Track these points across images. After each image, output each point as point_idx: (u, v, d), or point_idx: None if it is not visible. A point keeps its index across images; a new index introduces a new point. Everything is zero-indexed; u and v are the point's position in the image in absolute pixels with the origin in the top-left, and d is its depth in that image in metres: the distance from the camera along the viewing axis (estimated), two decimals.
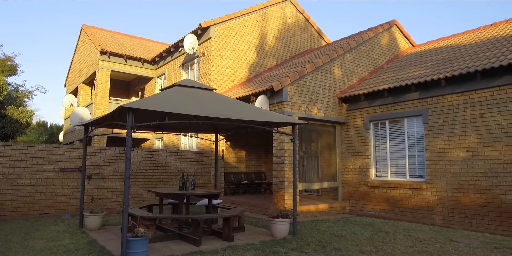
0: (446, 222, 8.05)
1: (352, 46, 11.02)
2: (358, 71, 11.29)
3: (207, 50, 13.33)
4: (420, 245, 6.05)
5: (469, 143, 7.86)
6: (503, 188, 7.24)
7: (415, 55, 11.76)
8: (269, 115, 6.80)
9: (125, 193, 5.12)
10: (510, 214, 7.10)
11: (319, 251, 5.64)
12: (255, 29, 14.63)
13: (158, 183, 11.02)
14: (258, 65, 14.51)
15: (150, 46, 19.53)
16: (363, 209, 9.92)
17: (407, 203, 8.91)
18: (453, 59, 9.28)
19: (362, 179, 10.07)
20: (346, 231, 7.30)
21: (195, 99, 6.22)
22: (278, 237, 6.61)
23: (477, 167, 7.67)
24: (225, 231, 6.36)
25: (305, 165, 9.99)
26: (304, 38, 16.47)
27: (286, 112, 9.29)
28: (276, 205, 9.33)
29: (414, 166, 9.06)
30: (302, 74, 9.69)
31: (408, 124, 9.28)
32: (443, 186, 8.22)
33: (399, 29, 12.81)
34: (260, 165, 13.92)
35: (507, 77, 7.34)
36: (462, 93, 8.08)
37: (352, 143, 10.48)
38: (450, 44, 11.30)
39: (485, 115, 7.65)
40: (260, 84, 11.10)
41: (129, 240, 5.08)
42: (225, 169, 12.51)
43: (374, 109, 9.99)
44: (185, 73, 14.93)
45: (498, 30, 10.55)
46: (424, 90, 8.78)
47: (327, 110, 10.29)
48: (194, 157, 11.93)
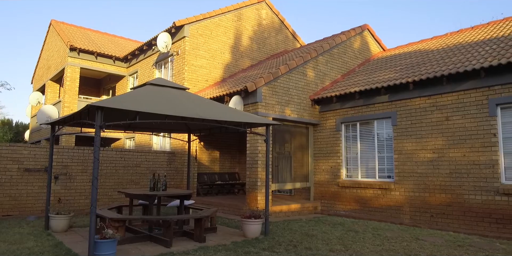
0: (413, 221, 8.32)
1: (325, 49, 11.21)
2: (331, 73, 11.49)
3: (181, 49, 13.19)
4: (387, 244, 6.22)
5: (435, 145, 8.16)
6: (467, 188, 7.56)
7: (385, 59, 12.09)
8: (243, 115, 6.81)
9: (93, 194, 4.98)
10: (473, 213, 7.43)
11: (290, 250, 5.69)
12: (230, 29, 14.61)
13: (128, 184, 10.78)
14: (233, 66, 14.49)
15: (122, 44, 19.11)
16: (334, 209, 10.10)
17: (376, 203, 9.14)
18: (421, 64, 9.61)
19: (333, 180, 10.24)
20: (317, 230, 7.41)
21: (167, 99, 6.14)
22: (250, 237, 6.62)
23: (443, 168, 7.98)
24: (196, 232, 6.31)
25: (279, 165, 10.06)
26: (279, 39, 16.60)
27: (260, 113, 9.33)
28: (249, 206, 9.34)
29: (383, 167, 9.32)
30: (276, 76, 9.76)
31: (378, 126, 9.53)
32: (410, 186, 8.49)
33: (370, 33, 13.14)
34: (234, 165, 13.89)
35: (471, 82, 7.67)
36: (429, 97, 8.39)
37: (324, 144, 10.65)
38: (419, 49, 11.69)
39: (450, 118, 7.97)
40: (234, 84, 11.09)
41: (96, 242, 4.95)
42: (198, 170, 12.41)
43: (345, 111, 10.19)
44: (158, 72, 14.70)
45: (463, 36, 11.02)
46: (393, 93, 9.05)
47: (301, 111, 10.41)
48: (166, 158, 11.76)
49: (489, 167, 7.28)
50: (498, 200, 7.08)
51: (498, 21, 10.94)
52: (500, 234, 6.91)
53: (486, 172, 7.30)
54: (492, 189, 7.18)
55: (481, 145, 7.43)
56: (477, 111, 7.55)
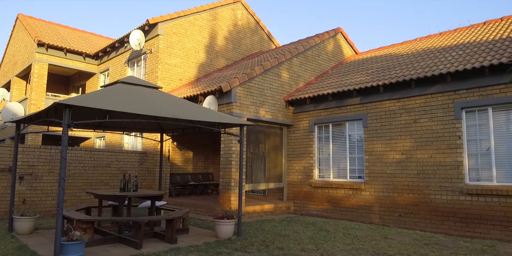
0: (382, 221, 8.54)
1: (300, 51, 11.34)
2: (305, 75, 11.63)
3: (155, 47, 12.98)
4: (357, 243, 6.36)
5: (403, 146, 8.42)
6: (433, 188, 7.84)
7: (357, 62, 12.37)
8: (217, 115, 6.77)
9: (60, 195, 4.82)
10: (438, 213, 7.71)
11: (262, 250, 5.71)
12: (205, 28, 14.51)
13: (98, 184, 10.50)
14: (207, 65, 14.40)
15: (93, 40, 18.60)
16: (306, 209, 10.22)
17: (347, 202, 9.32)
18: (391, 68, 9.89)
19: (306, 180, 10.37)
20: (289, 230, 7.47)
21: (139, 97, 6.02)
22: (223, 238, 6.60)
23: (410, 169, 8.24)
24: (168, 233, 6.22)
25: (253, 166, 10.08)
26: (254, 40, 16.64)
27: (234, 113, 9.31)
28: (222, 206, 9.30)
29: (354, 167, 9.52)
30: (251, 76, 9.78)
31: (350, 128, 9.73)
32: (380, 187, 8.72)
33: (343, 36, 13.40)
34: (208, 166, 13.80)
35: (438, 86, 7.97)
36: (398, 100, 8.64)
37: (298, 144, 10.76)
38: (390, 53, 12.03)
39: (418, 121, 8.25)
40: (209, 84, 11.02)
41: (63, 244, 4.79)
42: (171, 170, 12.24)
43: (318, 113, 10.35)
44: (130, 70, 14.40)
45: (432, 42, 11.44)
46: (364, 96, 9.26)
47: (275, 112, 10.47)
48: (138, 158, 11.53)
49: (454, 168, 7.58)
50: (462, 200, 7.39)
51: (465, 28, 11.42)
52: (464, 232, 7.21)
53: (451, 173, 7.60)
54: (457, 189, 7.48)
55: (447, 147, 7.73)
56: (444, 114, 7.85)
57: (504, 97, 7.07)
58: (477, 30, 10.65)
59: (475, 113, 7.56)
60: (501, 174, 7.13)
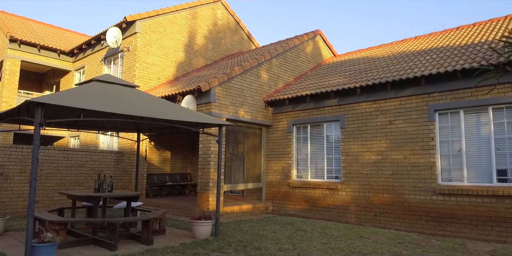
0: (358, 220, 8.69)
1: (279, 52, 11.40)
2: (284, 76, 11.70)
3: (132, 45, 12.76)
4: (334, 242, 6.44)
5: (379, 147, 8.59)
6: (407, 188, 8.04)
7: (336, 64, 12.54)
8: (195, 115, 6.72)
9: (31, 195, 4.66)
10: (412, 212, 7.91)
11: (239, 251, 5.71)
12: (184, 27, 14.38)
13: (72, 185, 10.22)
14: (186, 64, 14.27)
15: (69, 37, 18.11)
16: (284, 209, 10.28)
17: (324, 202, 9.44)
18: (368, 70, 10.09)
19: (284, 180, 10.43)
20: (267, 230, 7.50)
21: (115, 96, 5.90)
22: (200, 238, 6.56)
23: (385, 169, 8.42)
24: (143, 234, 6.13)
25: (231, 166, 10.06)
26: (234, 40, 16.61)
27: (213, 113, 9.27)
28: (200, 207, 9.24)
29: (332, 167, 9.65)
30: (230, 76, 9.76)
31: (327, 129, 9.85)
32: (356, 187, 8.87)
33: (322, 38, 13.57)
34: (186, 166, 13.68)
35: (412, 89, 8.18)
36: (374, 102, 8.82)
37: (277, 145, 10.81)
38: (367, 56, 12.27)
39: (393, 122, 8.44)
40: (187, 83, 10.93)
41: (34, 246, 4.64)
42: (148, 170, 12.07)
43: (297, 113, 10.43)
44: (107, 68, 14.11)
45: (407, 45, 11.73)
46: (342, 97, 9.41)
47: (254, 112, 10.49)
48: (114, 157, 11.30)
49: (427, 169, 7.80)
50: (435, 200, 7.61)
51: (439, 32, 11.78)
52: (436, 231, 7.43)
53: (425, 173, 7.82)
54: (430, 189, 7.70)
55: (420, 148, 7.94)
56: (418, 116, 8.07)
57: (475, 100, 7.33)
58: (450, 35, 11.00)
59: (447, 115, 7.80)
60: (472, 174, 7.39)
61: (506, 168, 7.01)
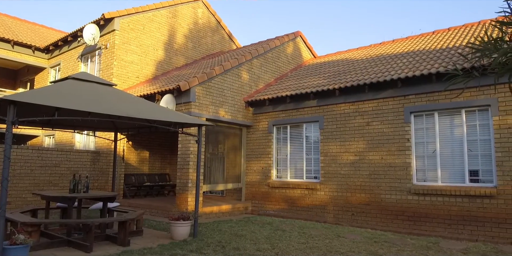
0: (336, 220, 8.81)
1: (260, 53, 11.43)
2: (265, 76, 11.74)
3: (110, 42, 12.52)
4: (312, 241, 6.51)
5: (357, 148, 8.74)
6: (383, 188, 8.21)
7: (315, 66, 12.68)
8: (174, 115, 6.66)
9: (2, 196, 4.52)
10: (388, 212, 8.08)
11: (218, 251, 5.69)
12: (164, 25, 14.22)
13: (46, 185, 9.94)
14: (166, 63, 14.11)
15: (44, 33, 17.61)
16: (264, 209, 10.31)
17: (303, 202, 9.52)
18: (347, 72, 10.24)
19: (264, 180, 10.46)
20: (246, 230, 7.50)
21: (91, 95, 5.78)
22: (178, 239, 6.50)
23: (363, 170, 8.57)
24: (120, 236, 6.02)
25: (211, 166, 10.01)
26: (215, 40, 16.55)
27: (193, 113, 9.20)
28: (178, 207, 9.15)
29: (311, 168, 9.74)
30: (210, 76, 9.71)
31: (307, 129, 9.95)
32: (334, 187, 8.99)
33: (303, 40, 13.69)
34: (165, 166, 13.52)
35: (389, 91, 8.36)
36: (353, 103, 8.96)
37: (257, 145, 10.83)
38: (346, 58, 12.45)
39: (370, 124, 8.60)
40: (167, 82, 10.81)
41: (5, 249, 4.51)
42: (125, 171, 11.86)
43: (277, 114, 10.48)
44: (84, 66, 13.79)
45: (385, 48, 11.98)
46: (321, 99, 9.52)
47: (234, 112, 10.48)
48: (90, 157, 11.06)
49: (403, 169, 7.99)
50: (410, 199, 7.80)
51: (415, 36, 12.07)
52: (411, 230, 7.61)
53: (400, 173, 8.00)
54: (405, 189, 7.88)
55: (396, 149, 8.13)
56: (394, 118, 8.25)
57: (449, 102, 7.56)
58: (427, 39, 11.29)
59: (422, 117, 8.01)
60: (445, 175, 7.62)
61: (478, 168, 7.26)
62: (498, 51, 2.21)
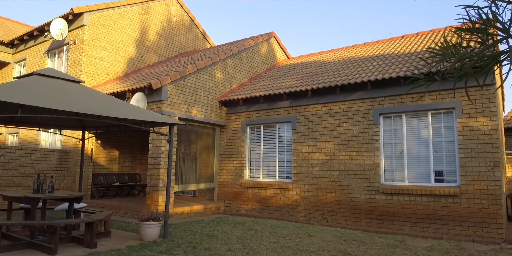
0: (307, 219, 8.92)
1: (234, 52, 11.40)
2: (239, 76, 11.72)
3: (79, 38, 12.12)
4: (283, 241, 6.56)
5: (328, 148, 8.88)
6: (353, 188, 8.38)
7: (289, 67, 12.79)
8: (145, 113, 6.53)
9: None
10: (357, 211, 8.26)
11: (188, 252, 5.63)
12: (136, 22, 13.91)
13: (9, 185, 9.50)
14: (137, 61, 13.82)
15: (8, 27, 16.81)
16: (236, 209, 10.29)
17: (275, 202, 9.58)
18: (319, 73, 10.39)
19: (237, 180, 10.44)
20: (218, 231, 7.46)
21: (58, 91, 5.57)
22: (148, 240, 6.37)
23: (333, 170, 8.72)
24: (87, 237, 5.84)
25: (183, 166, 9.89)
26: (188, 38, 16.36)
27: (165, 112, 9.06)
28: (149, 208, 8.98)
29: (283, 168, 9.82)
30: (183, 74, 9.59)
31: (280, 129, 10.02)
32: (305, 186, 9.09)
33: (277, 41, 13.77)
34: (136, 166, 13.23)
35: (359, 93, 8.55)
36: (324, 104, 9.10)
37: (230, 145, 10.80)
38: (319, 60, 12.63)
39: (341, 124, 8.77)
40: (138, 80, 10.58)
41: None
42: (94, 170, 11.52)
43: (251, 114, 10.49)
44: (51, 61, 13.28)
45: (356, 51, 12.24)
46: (294, 99, 9.61)
47: (208, 112, 10.39)
48: (56, 156, 10.67)
49: (372, 169, 8.19)
50: (378, 199, 8.00)
51: (386, 40, 12.41)
52: (379, 229, 7.81)
53: (369, 173, 8.20)
54: (374, 189, 8.09)
55: (366, 150, 8.32)
56: (364, 119, 8.44)
57: (416, 105, 7.82)
58: (396, 43, 11.63)
59: (391, 119, 8.24)
60: (412, 175, 7.87)
61: (443, 169, 7.55)
62: (454, 56, 2.31)
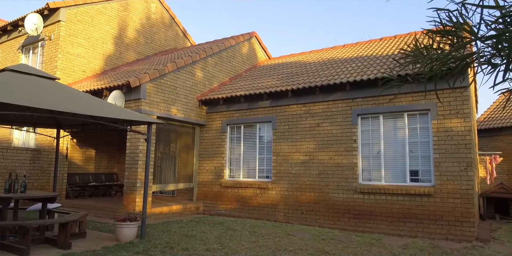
0: (286, 218, 8.97)
1: (215, 51, 11.34)
2: (219, 75, 11.66)
3: (55, 34, 11.78)
4: (262, 240, 6.57)
5: (307, 148, 8.96)
6: (331, 187, 8.48)
7: (270, 67, 12.82)
8: (123, 112, 6.41)
9: None
10: (335, 210, 8.36)
11: (166, 252, 5.56)
12: (114, 19, 13.64)
13: None
14: (116, 58, 13.54)
15: None
16: (216, 209, 10.24)
17: (255, 201, 9.58)
18: (299, 74, 10.46)
19: (216, 180, 10.39)
20: (196, 231, 7.40)
21: (31, 88, 5.40)
22: (124, 241, 6.26)
23: (312, 169, 8.80)
24: (61, 238, 5.68)
25: (162, 165, 9.76)
26: (168, 36, 16.16)
27: (143, 110, 8.92)
28: (126, 208, 8.82)
29: (263, 167, 9.83)
30: (163, 73, 9.47)
31: (260, 129, 10.03)
32: (285, 186, 9.14)
33: (258, 41, 13.79)
34: (113, 165, 12.97)
35: (338, 94, 8.66)
36: (304, 104, 9.17)
37: (210, 144, 10.73)
38: (299, 60, 12.72)
39: (320, 125, 8.85)
40: (116, 78, 10.38)
41: None
42: (69, 170, 11.22)
43: (231, 114, 10.46)
44: (25, 57, 12.86)
45: (336, 52, 12.39)
46: (274, 99, 9.64)
47: (187, 111, 10.29)
48: (29, 155, 10.34)
49: (350, 169, 8.30)
50: (356, 198, 8.13)
51: (365, 42, 12.61)
52: (356, 227, 7.93)
53: (348, 173, 8.32)
54: (352, 188, 8.21)
55: (344, 150, 8.43)
56: (342, 120, 8.56)
57: (393, 106, 7.98)
58: (374, 45, 11.84)
59: (369, 120, 8.38)
60: (388, 174, 8.03)
61: (418, 169, 7.73)
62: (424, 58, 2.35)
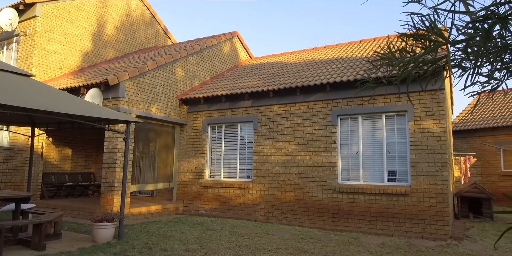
0: (267, 218, 8.99)
1: (196, 50, 11.26)
2: (201, 75, 11.59)
3: (31, 29, 11.45)
4: (241, 240, 6.56)
5: (288, 148, 9.01)
6: (311, 187, 8.56)
7: (251, 67, 12.83)
8: (100, 110, 6.28)
9: None
10: (315, 209, 8.44)
11: (144, 253, 5.48)
12: (93, 15, 13.36)
13: None
14: (94, 55, 13.27)
15: None
16: (196, 209, 10.17)
17: (235, 201, 9.57)
18: (281, 74, 10.52)
19: (197, 180, 10.32)
20: (175, 231, 7.33)
21: (4, 85, 5.22)
22: (101, 242, 6.14)
23: (293, 169, 8.86)
24: (34, 239, 5.53)
25: (141, 165, 9.62)
26: (149, 34, 15.95)
27: (122, 109, 8.77)
28: (103, 209, 8.65)
29: (244, 167, 9.83)
30: (142, 71, 9.33)
31: (242, 129, 10.02)
32: (265, 186, 9.17)
33: (240, 40, 13.77)
34: (90, 165, 12.70)
35: (318, 94, 8.75)
36: (285, 105, 9.23)
37: (190, 144, 10.65)
38: (281, 61, 12.78)
39: (301, 125, 8.92)
40: (94, 75, 10.17)
41: None
42: (44, 169, 10.92)
43: (212, 113, 10.41)
44: None
45: (317, 54, 12.51)
46: (255, 99, 9.65)
47: (167, 110, 10.18)
48: (3, 154, 10.01)
49: (329, 169, 8.40)
50: (335, 197, 8.23)
51: (345, 44, 12.78)
52: (335, 227, 8.03)
53: (327, 173, 8.41)
54: (331, 188, 8.30)
55: (324, 150, 8.53)
56: (322, 120, 8.65)
57: (372, 107, 8.12)
58: (354, 47, 12.02)
59: (348, 120, 8.50)
60: (367, 174, 8.16)
61: (395, 169, 7.89)
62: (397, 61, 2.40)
